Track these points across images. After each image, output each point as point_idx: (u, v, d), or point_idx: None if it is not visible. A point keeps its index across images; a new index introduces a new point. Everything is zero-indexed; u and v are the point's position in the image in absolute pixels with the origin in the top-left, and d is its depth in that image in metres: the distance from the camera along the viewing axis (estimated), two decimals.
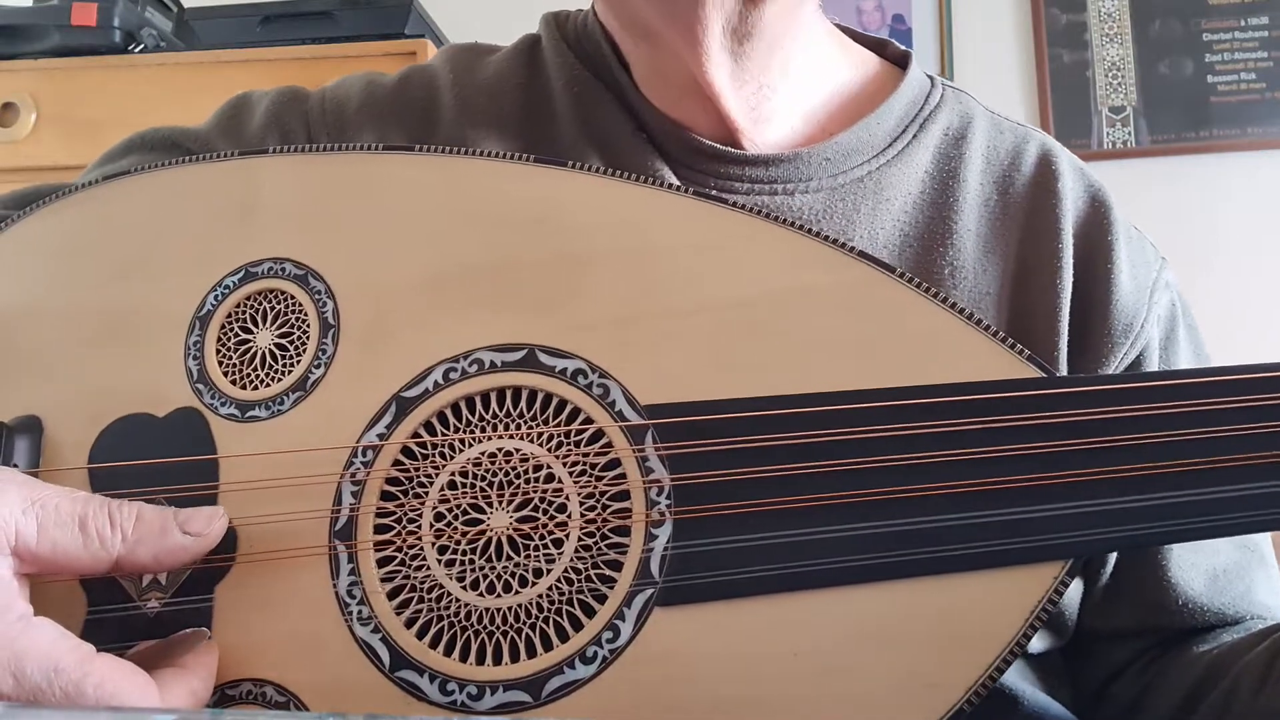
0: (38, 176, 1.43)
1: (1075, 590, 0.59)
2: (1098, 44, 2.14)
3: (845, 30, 0.69)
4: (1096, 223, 0.62)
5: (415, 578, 0.44)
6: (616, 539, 0.44)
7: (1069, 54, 2.14)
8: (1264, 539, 0.63)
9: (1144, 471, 0.41)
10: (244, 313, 0.50)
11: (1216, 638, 0.59)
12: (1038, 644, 0.58)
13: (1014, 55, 2.15)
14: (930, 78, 0.67)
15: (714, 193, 0.51)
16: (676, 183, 0.53)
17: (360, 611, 0.44)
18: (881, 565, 0.41)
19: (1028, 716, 0.56)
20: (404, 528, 0.45)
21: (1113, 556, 0.59)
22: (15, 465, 0.48)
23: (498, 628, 0.43)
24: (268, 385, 0.49)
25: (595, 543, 0.44)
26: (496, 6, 1.72)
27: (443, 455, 0.46)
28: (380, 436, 0.47)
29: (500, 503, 0.45)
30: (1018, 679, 0.57)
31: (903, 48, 0.68)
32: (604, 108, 0.63)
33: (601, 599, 0.43)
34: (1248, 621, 0.59)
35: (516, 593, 0.44)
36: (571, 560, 0.44)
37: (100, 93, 1.44)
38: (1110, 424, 0.42)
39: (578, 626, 0.43)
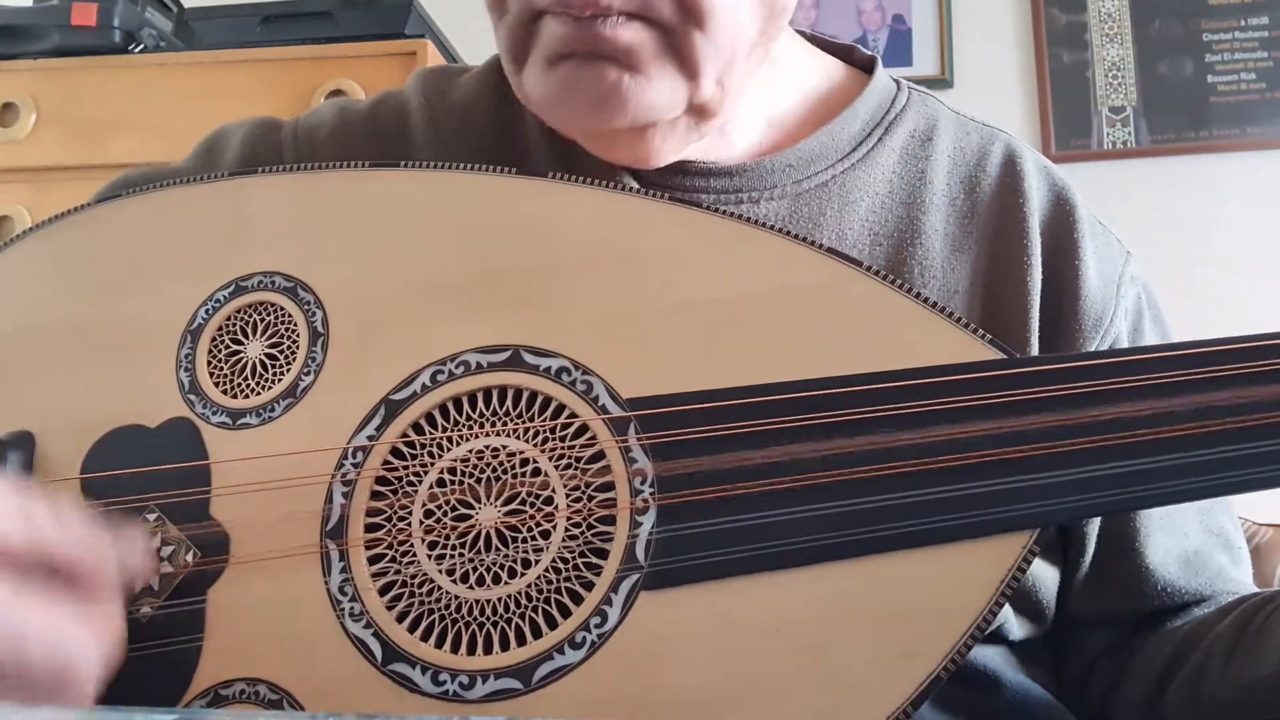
0: (38, 176, 1.43)
1: (1054, 580, 0.60)
2: (1097, 44, 2.14)
3: (812, 38, 0.69)
4: (1062, 220, 0.63)
5: (406, 573, 0.45)
6: (602, 528, 0.44)
7: (1069, 54, 2.13)
8: (1232, 525, 0.64)
9: (1100, 443, 0.43)
10: (234, 325, 0.51)
11: (1188, 613, 0.60)
12: (1019, 632, 0.59)
13: (1014, 55, 2.14)
14: (897, 82, 0.68)
15: None
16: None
17: (352, 608, 0.44)
18: (857, 541, 0.42)
19: (1010, 700, 0.57)
20: (394, 525, 0.46)
21: (1091, 546, 0.60)
22: None
23: (488, 618, 0.44)
24: (258, 394, 0.49)
25: (582, 533, 0.45)
26: None
27: (431, 454, 0.47)
28: (370, 438, 0.47)
29: (488, 497, 0.46)
30: (1001, 664, 0.58)
31: (869, 53, 0.69)
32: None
33: (589, 586, 0.44)
34: (1218, 597, 0.61)
35: (506, 584, 0.44)
36: (559, 550, 0.44)
37: (100, 93, 1.44)
38: (1069, 400, 0.44)
39: (566, 614, 0.43)
